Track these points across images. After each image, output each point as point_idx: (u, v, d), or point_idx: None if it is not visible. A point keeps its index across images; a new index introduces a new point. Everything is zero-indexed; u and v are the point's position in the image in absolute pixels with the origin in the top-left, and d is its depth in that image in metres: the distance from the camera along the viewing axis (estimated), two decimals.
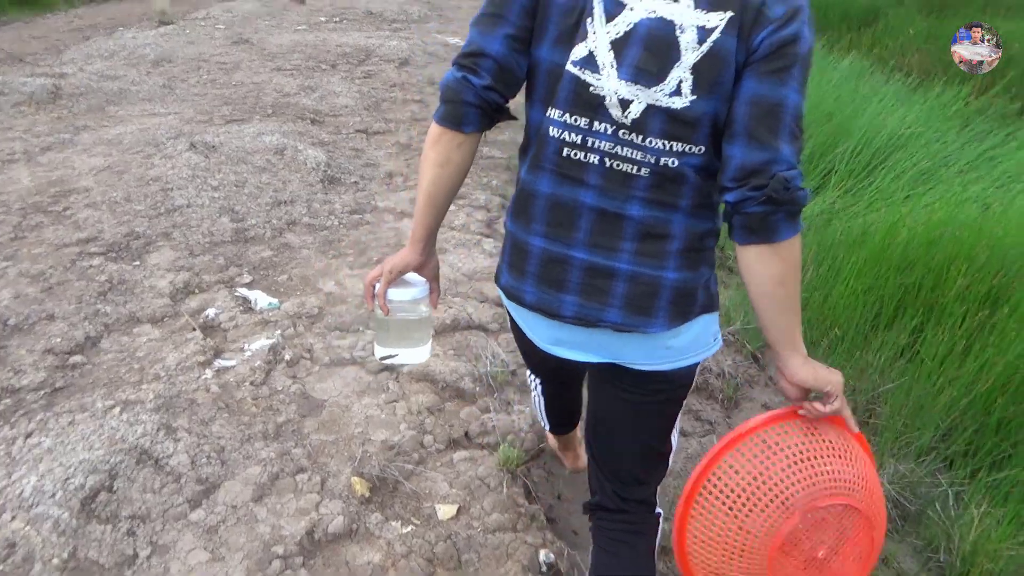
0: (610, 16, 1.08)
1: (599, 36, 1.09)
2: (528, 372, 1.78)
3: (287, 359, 2.39)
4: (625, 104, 1.09)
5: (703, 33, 1.04)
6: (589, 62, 1.09)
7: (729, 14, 1.03)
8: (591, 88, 1.10)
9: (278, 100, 5.14)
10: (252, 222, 3.34)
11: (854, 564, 1.17)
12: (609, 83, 1.09)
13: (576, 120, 1.12)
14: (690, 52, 1.05)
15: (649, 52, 1.06)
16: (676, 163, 1.10)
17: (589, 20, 1.09)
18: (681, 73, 1.06)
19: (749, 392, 2.52)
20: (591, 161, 1.13)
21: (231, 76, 5.76)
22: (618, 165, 1.12)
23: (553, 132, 1.15)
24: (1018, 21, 8.53)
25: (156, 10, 7.89)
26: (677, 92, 1.06)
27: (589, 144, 1.13)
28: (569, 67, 1.11)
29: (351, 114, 5.01)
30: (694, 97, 1.06)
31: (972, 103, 5.12)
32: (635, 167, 1.11)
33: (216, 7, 8.60)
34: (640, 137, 1.10)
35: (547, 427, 1.93)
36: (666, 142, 1.09)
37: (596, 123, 1.11)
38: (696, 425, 2.34)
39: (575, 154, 1.14)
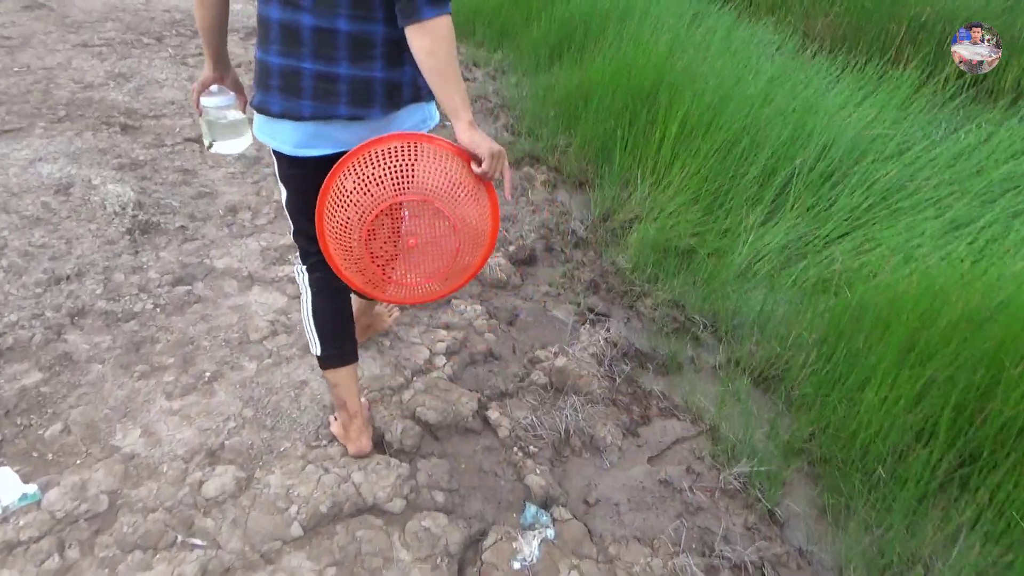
0: None
1: None
2: (296, 264, 1.79)
3: None
4: None
5: None
6: None
7: None
8: None
9: (76, 95, 3.83)
10: (11, 319, 2.20)
11: (443, 258, 1.51)
12: None
13: None
14: None
15: None
16: None
17: None
18: None
19: None
20: None
21: (15, 58, 4.35)
22: None
23: None
24: None
25: None
26: None
27: None
28: None
29: (179, 114, 3.80)
30: None
31: (922, 90, 4.52)
32: None
33: None
34: None
35: (318, 350, 1.79)
36: None
37: None
38: None
39: None
